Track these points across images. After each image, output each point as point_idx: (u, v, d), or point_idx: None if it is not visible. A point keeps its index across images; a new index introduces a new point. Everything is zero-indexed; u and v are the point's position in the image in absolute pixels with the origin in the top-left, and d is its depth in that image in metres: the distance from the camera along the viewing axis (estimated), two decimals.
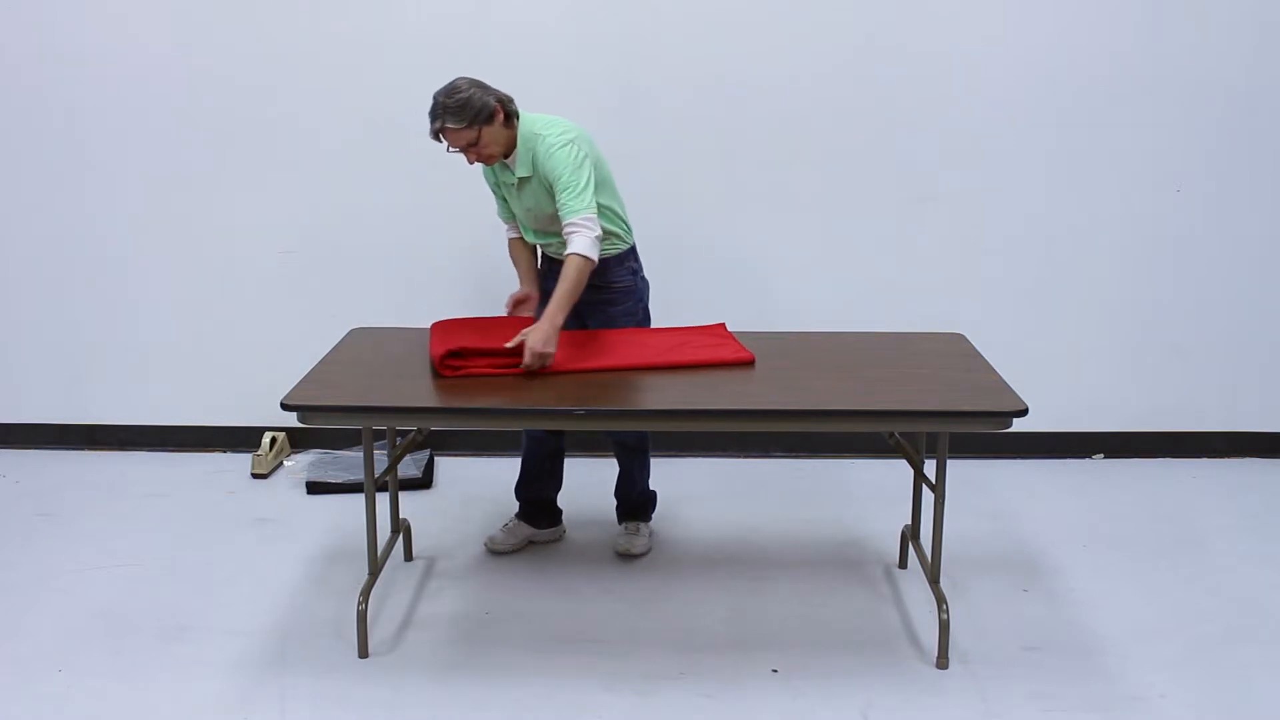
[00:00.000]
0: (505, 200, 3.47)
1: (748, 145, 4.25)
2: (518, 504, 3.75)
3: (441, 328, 3.31)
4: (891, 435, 3.42)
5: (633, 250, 3.50)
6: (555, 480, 3.72)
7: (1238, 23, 4.12)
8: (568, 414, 2.91)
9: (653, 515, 3.79)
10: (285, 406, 2.86)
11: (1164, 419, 4.49)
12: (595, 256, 3.17)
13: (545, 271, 3.54)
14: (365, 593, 3.09)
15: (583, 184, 3.19)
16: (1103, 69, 4.17)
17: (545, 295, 3.51)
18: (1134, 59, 4.16)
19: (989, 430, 2.95)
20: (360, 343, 3.41)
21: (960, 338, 3.48)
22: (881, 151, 4.26)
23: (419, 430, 3.62)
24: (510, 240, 3.57)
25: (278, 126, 4.26)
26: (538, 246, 3.54)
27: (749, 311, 4.33)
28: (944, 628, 3.02)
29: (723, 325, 3.50)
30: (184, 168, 4.30)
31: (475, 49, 4.15)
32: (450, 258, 4.35)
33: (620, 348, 3.24)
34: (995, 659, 3.07)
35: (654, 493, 3.77)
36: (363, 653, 3.07)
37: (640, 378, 3.08)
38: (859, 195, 4.29)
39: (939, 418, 2.90)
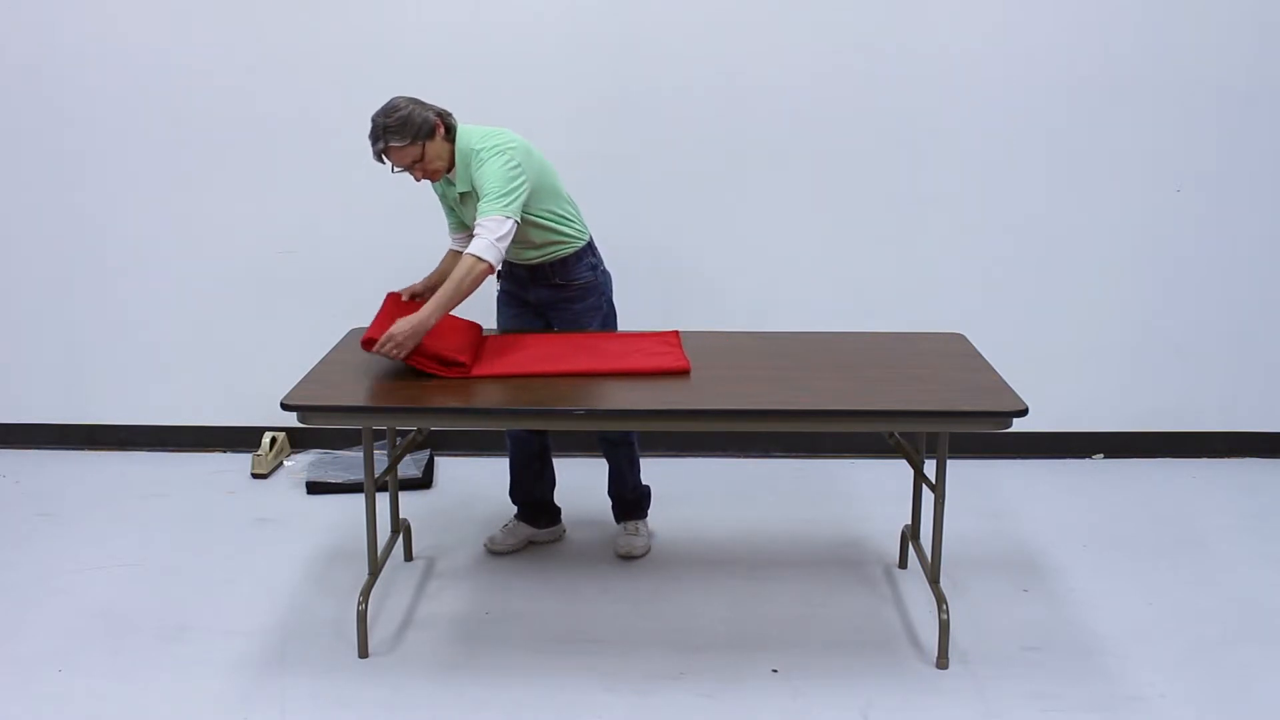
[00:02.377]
0: (452, 210, 3.44)
1: (747, 145, 4.24)
2: (515, 509, 3.75)
3: (391, 305, 3.26)
4: (891, 435, 3.42)
5: (590, 246, 3.49)
6: (546, 480, 3.72)
7: (1238, 23, 4.12)
8: (568, 414, 2.91)
9: (649, 511, 3.79)
10: (285, 406, 2.86)
11: (1164, 419, 4.49)
12: (492, 259, 3.10)
13: (506, 273, 3.53)
14: (365, 593, 3.09)
15: (499, 191, 3.13)
16: (1103, 69, 4.17)
17: (509, 296, 3.55)
18: (1134, 59, 4.16)
19: (989, 430, 2.95)
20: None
21: (960, 338, 3.48)
22: (881, 151, 4.26)
23: (419, 430, 3.62)
24: (450, 253, 3.49)
25: (278, 127, 4.26)
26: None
27: (749, 311, 4.34)
28: (944, 628, 3.02)
29: (676, 333, 3.43)
30: (184, 168, 4.30)
31: (475, 49, 4.15)
32: None
33: (565, 352, 3.21)
34: (995, 659, 3.07)
35: (648, 487, 3.76)
36: (363, 653, 3.07)
37: (636, 376, 3.08)
38: (859, 195, 4.29)
39: (939, 418, 2.90)
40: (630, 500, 3.72)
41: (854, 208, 4.30)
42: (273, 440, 4.38)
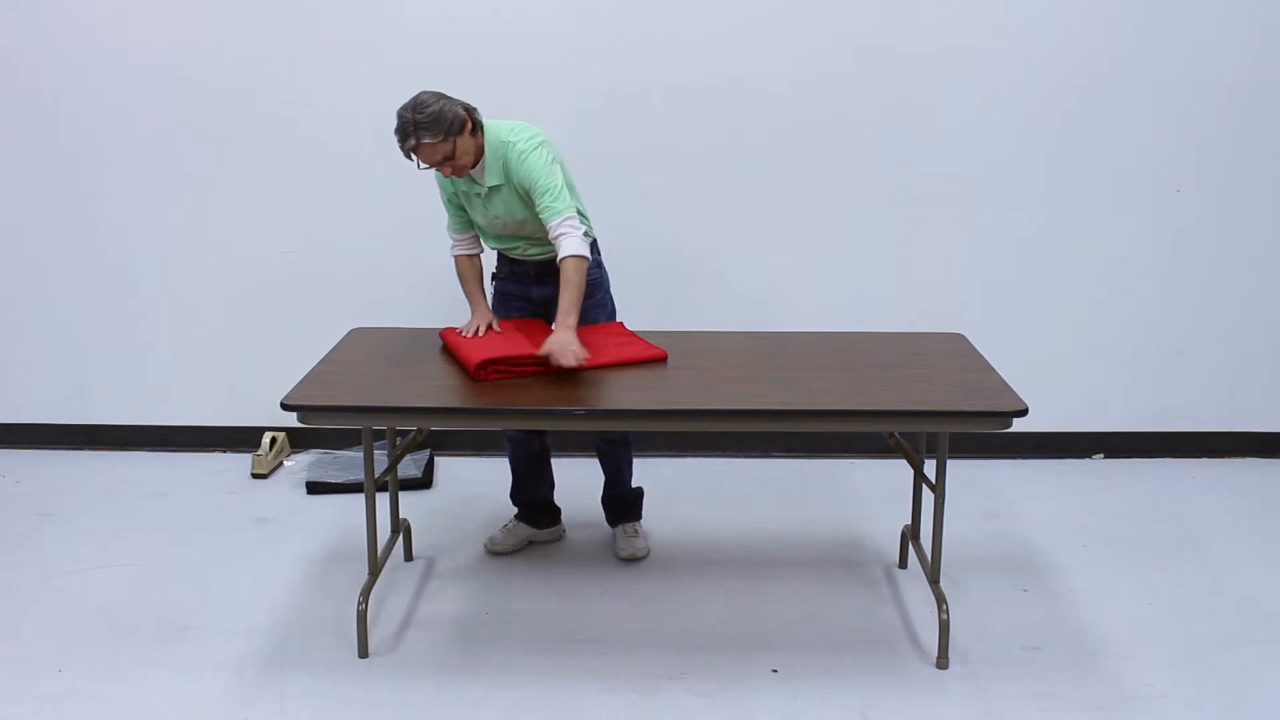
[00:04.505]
0: (461, 210, 3.43)
1: (748, 145, 4.24)
2: (515, 510, 3.75)
3: (458, 335, 3.30)
4: (891, 435, 3.42)
5: (595, 244, 3.50)
6: (545, 480, 3.72)
7: (1238, 23, 4.12)
8: (568, 414, 2.91)
9: (641, 513, 3.77)
10: (285, 406, 2.86)
11: (1164, 419, 4.50)
12: (588, 254, 3.21)
13: (505, 274, 3.53)
14: (365, 593, 3.09)
15: (559, 186, 3.21)
16: (1103, 69, 4.17)
17: (505, 297, 3.54)
18: (1134, 59, 4.16)
19: (989, 430, 2.95)
20: (360, 343, 3.41)
21: (960, 338, 3.48)
22: (882, 152, 4.26)
23: (419, 430, 3.62)
24: (458, 259, 3.50)
25: (278, 127, 4.26)
26: (479, 259, 3.52)
27: (749, 311, 4.34)
28: (944, 628, 3.02)
29: (621, 324, 3.47)
30: (184, 168, 4.30)
31: (475, 49, 4.15)
32: (450, 258, 4.34)
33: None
34: (995, 659, 3.07)
35: (640, 489, 3.76)
36: (363, 653, 3.07)
37: (633, 375, 3.08)
38: (859, 195, 4.29)
39: (939, 418, 2.90)
40: (629, 501, 3.72)
41: (854, 207, 4.30)
42: (273, 440, 4.38)
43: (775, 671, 3.01)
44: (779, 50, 4.17)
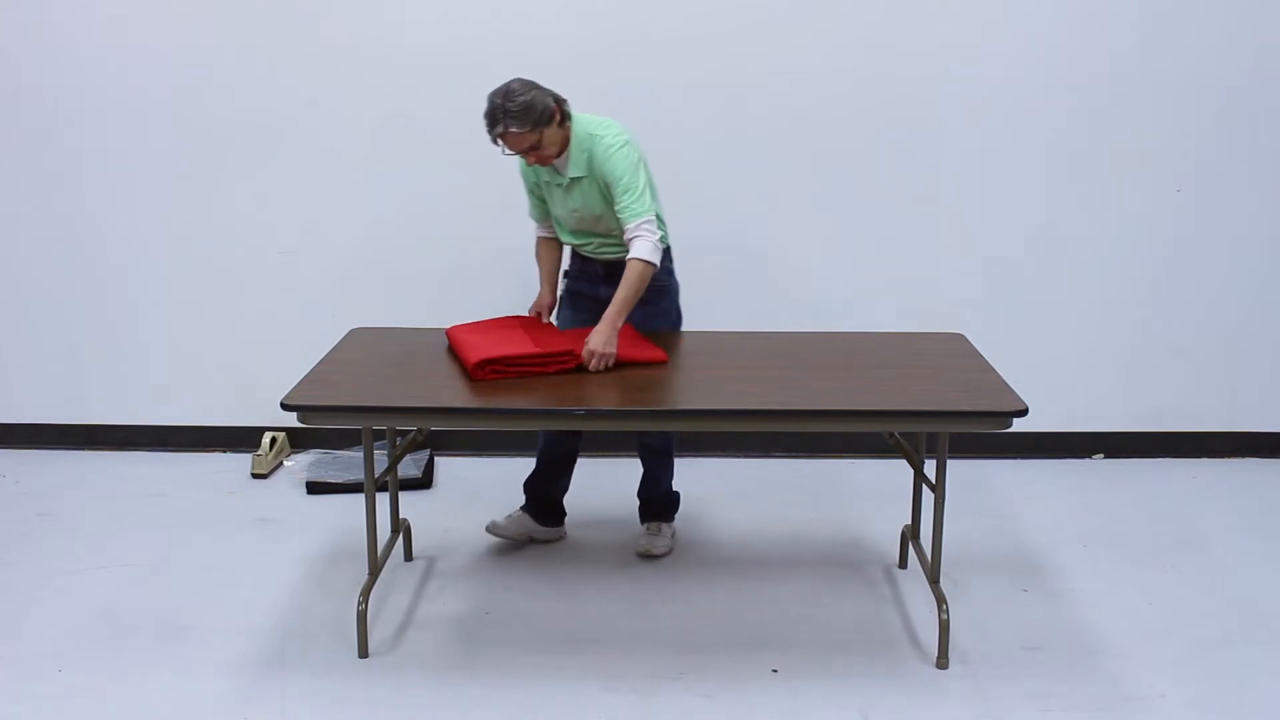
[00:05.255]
0: (541, 201, 3.46)
1: (747, 145, 4.24)
2: (524, 498, 3.74)
3: (464, 332, 3.29)
4: (891, 435, 3.42)
5: (668, 251, 3.49)
6: (564, 481, 3.72)
7: (1238, 23, 4.12)
8: (568, 414, 2.91)
9: (675, 516, 3.78)
10: (285, 406, 2.86)
11: (1164, 419, 4.50)
12: (657, 261, 3.22)
13: (577, 271, 3.53)
14: (365, 593, 3.09)
15: (641, 187, 3.21)
16: (1103, 69, 4.17)
17: (575, 296, 3.53)
18: (1134, 59, 4.16)
19: (989, 430, 2.95)
20: (360, 343, 3.41)
21: (960, 338, 3.48)
22: (881, 152, 4.26)
23: (419, 430, 3.62)
24: (540, 239, 3.56)
25: (278, 127, 4.26)
26: (566, 247, 3.53)
27: (749, 311, 4.34)
28: (944, 628, 3.02)
29: (629, 325, 3.42)
30: (184, 168, 4.30)
31: (476, 49, 4.15)
32: (450, 257, 4.35)
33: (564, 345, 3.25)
34: (995, 659, 3.07)
35: (677, 494, 3.76)
36: (363, 653, 3.07)
37: (633, 375, 3.08)
38: (859, 195, 4.29)
39: (939, 418, 2.90)
40: (661, 504, 3.72)
41: (854, 207, 4.30)
42: (273, 440, 4.38)
43: (775, 671, 3.01)
44: (779, 50, 4.17)
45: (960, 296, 4.36)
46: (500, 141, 3.17)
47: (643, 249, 3.18)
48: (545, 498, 3.71)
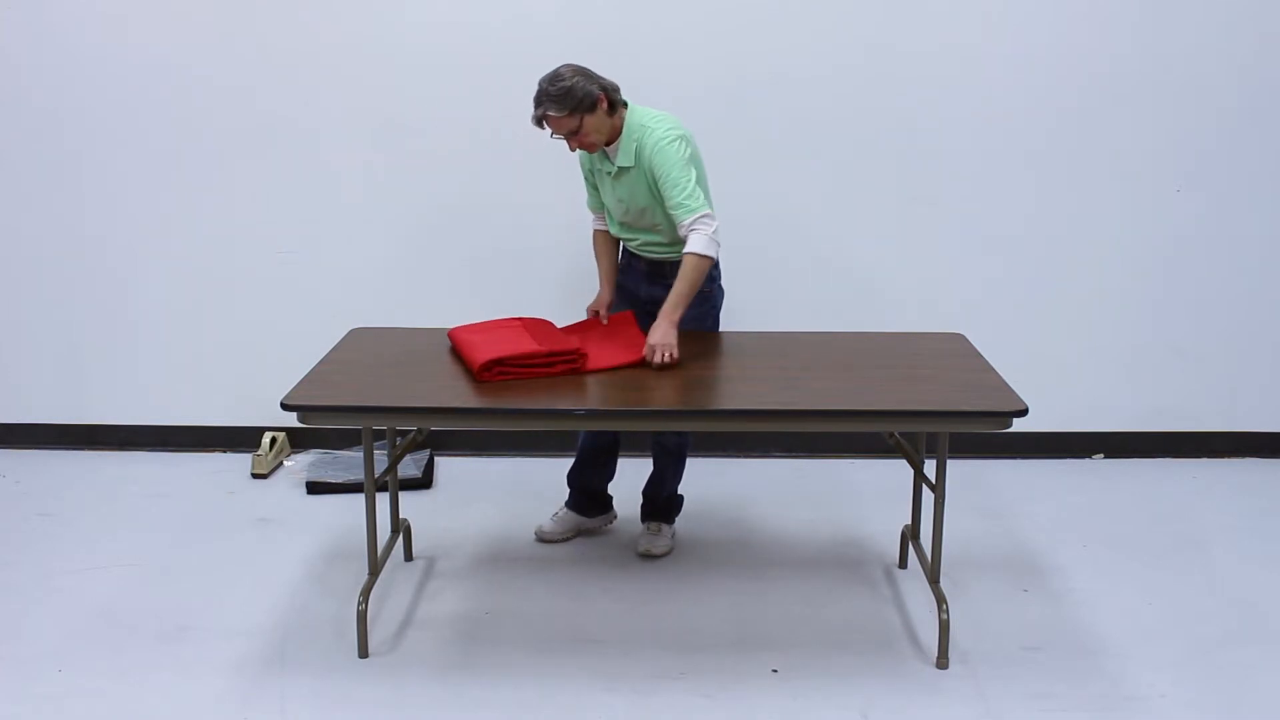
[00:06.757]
0: (596, 189, 3.47)
1: (747, 144, 4.24)
2: (568, 492, 3.75)
3: (467, 334, 3.28)
4: (891, 435, 3.42)
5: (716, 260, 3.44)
6: (608, 471, 3.73)
7: (1238, 23, 4.12)
8: (568, 414, 2.91)
9: (676, 518, 3.78)
10: (285, 406, 2.86)
11: (1164, 419, 4.49)
12: (714, 254, 3.20)
13: (625, 266, 3.55)
14: (365, 593, 3.09)
15: (691, 182, 3.19)
16: (1103, 69, 4.17)
17: (620, 289, 3.54)
18: (1134, 59, 4.16)
19: (989, 430, 2.95)
20: (360, 343, 3.41)
21: (960, 338, 3.48)
22: (882, 151, 4.26)
23: (419, 430, 3.62)
24: (595, 232, 3.57)
25: (278, 127, 4.26)
26: (620, 241, 3.54)
27: (749, 311, 4.33)
28: (944, 628, 3.02)
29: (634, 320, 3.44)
30: (184, 168, 4.30)
31: (476, 49, 4.15)
32: (450, 257, 4.35)
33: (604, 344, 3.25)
34: (995, 659, 3.07)
35: (681, 497, 3.76)
36: (363, 653, 3.07)
37: (633, 376, 3.08)
38: (859, 195, 4.29)
39: (939, 418, 2.90)
40: (664, 504, 3.72)
41: (854, 207, 4.30)
42: (273, 440, 4.38)
43: (775, 671, 3.01)
44: (778, 50, 4.17)
45: (960, 296, 4.36)
46: (543, 124, 3.19)
47: (698, 243, 3.17)
48: (588, 488, 3.73)
